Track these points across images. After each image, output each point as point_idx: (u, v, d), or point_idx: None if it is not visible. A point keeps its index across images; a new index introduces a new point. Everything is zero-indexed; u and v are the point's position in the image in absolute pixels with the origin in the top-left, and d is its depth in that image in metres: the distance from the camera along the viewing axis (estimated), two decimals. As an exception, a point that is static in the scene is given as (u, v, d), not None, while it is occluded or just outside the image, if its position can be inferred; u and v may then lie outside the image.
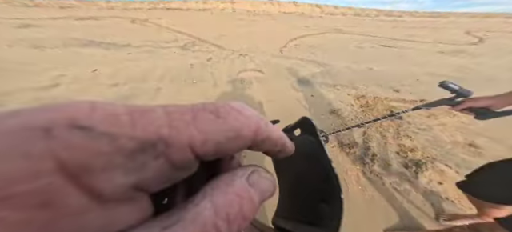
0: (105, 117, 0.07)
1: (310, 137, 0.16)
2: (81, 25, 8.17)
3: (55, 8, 19.88)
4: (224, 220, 0.08)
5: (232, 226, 0.08)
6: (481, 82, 3.31)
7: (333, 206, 0.12)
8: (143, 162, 0.07)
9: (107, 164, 0.06)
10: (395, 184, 1.36)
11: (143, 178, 0.07)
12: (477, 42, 7.51)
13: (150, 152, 0.07)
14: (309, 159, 0.15)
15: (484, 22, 21.09)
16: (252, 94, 2.64)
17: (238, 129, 0.09)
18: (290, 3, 36.06)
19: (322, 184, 0.14)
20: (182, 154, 0.08)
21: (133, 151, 0.07)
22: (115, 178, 0.07)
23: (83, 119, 0.06)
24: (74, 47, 4.60)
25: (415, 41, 7.47)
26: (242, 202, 0.08)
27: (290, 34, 8.01)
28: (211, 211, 0.08)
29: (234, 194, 0.08)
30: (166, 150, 0.07)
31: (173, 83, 2.90)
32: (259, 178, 0.10)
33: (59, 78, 2.90)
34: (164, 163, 0.07)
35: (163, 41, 5.67)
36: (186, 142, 0.08)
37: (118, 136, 0.07)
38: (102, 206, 0.06)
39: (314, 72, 3.55)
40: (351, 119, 2.11)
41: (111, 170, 0.06)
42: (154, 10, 24.34)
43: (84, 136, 0.06)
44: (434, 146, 1.74)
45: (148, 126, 0.07)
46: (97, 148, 0.06)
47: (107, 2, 30.57)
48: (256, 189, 0.09)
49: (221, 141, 0.08)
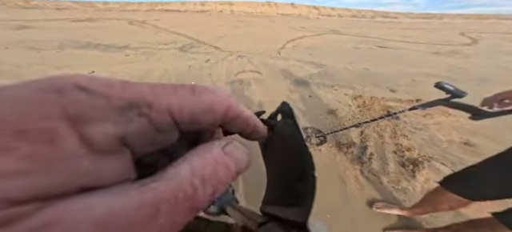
0: (102, 83, 0.08)
1: (288, 120, 0.17)
2: (78, 26, 8.11)
3: (52, 9, 19.72)
4: (199, 179, 0.09)
5: (206, 185, 0.09)
6: (475, 82, 3.37)
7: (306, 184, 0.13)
8: (130, 118, 0.08)
9: (101, 116, 0.08)
10: (393, 183, 1.38)
11: (129, 132, 0.08)
12: (471, 43, 7.65)
13: (135, 111, 0.08)
14: (287, 142, 0.16)
15: (478, 23, 21.50)
16: (250, 94, 2.65)
17: (211, 103, 0.10)
18: (287, 5, 36.34)
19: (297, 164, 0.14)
20: (162, 116, 0.09)
21: (122, 107, 0.08)
22: (106, 128, 0.08)
23: (85, 83, 0.08)
24: (71, 49, 4.56)
25: (411, 42, 7.58)
26: (216, 166, 0.09)
27: (288, 35, 8.06)
28: (188, 171, 0.09)
29: (210, 159, 0.09)
30: (149, 112, 0.09)
31: (171, 85, 2.90)
32: (234, 148, 0.11)
33: (56, 79, 2.88)
34: (147, 123, 0.09)
35: (161, 42, 5.66)
36: (165, 107, 0.09)
37: (111, 95, 0.08)
38: (93, 154, 0.07)
39: (312, 73, 3.58)
40: (349, 119, 2.13)
41: (104, 122, 0.08)
42: (152, 11, 24.30)
43: (86, 94, 0.08)
44: (431, 145, 1.77)
45: (135, 92, 0.09)
46: (94, 103, 0.08)
47: (104, 3, 30.42)
48: (231, 157, 0.10)
49: (195, 110, 0.10)
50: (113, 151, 0.08)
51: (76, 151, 0.07)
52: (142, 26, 9.26)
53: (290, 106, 0.18)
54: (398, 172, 1.47)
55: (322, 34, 9.12)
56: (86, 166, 0.07)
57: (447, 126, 2.02)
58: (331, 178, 1.42)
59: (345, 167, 1.51)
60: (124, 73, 3.25)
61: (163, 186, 0.08)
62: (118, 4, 30.66)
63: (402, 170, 1.49)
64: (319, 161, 1.56)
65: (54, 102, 0.07)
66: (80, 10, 22.00)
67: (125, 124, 0.08)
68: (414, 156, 1.60)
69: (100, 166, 0.08)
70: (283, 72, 3.54)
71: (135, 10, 24.29)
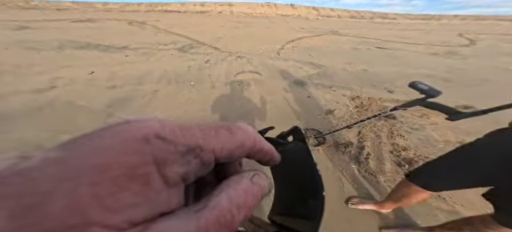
0: (170, 131, 0.11)
1: (300, 143, 0.19)
2: (77, 27, 8.12)
3: (51, 10, 19.72)
4: (235, 207, 0.11)
5: (240, 212, 0.11)
6: (473, 83, 3.40)
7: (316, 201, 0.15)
8: (189, 160, 0.11)
9: (172, 159, 0.10)
10: (389, 182, 1.39)
11: (188, 170, 0.11)
12: (469, 44, 7.70)
13: (192, 153, 0.11)
14: (298, 162, 0.18)
15: (476, 25, 21.60)
16: (249, 95, 2.67)
17: (243, 141, 0.13)
18: (287, 6, 36.42)
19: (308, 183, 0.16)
20: (209, 156, 0.12)
21: (183, 152, 0.11)
22: (176, 169, 0.10)
23: (161, 133, 0.10)
24: (71, 49, 4.57)
25: (409, 43, 7.63)
26: (247, 195, 0.12)
27: (287, 36, 8.09)
28: (227, 201, 0.11)
29: (241, 190, 0.12)
30: (201, 153, 0.11)
31: (170, 85, 2.91)
32: (259, 178, 0.14)
33: (55, 80, 2.89)
34: (199, 162, 0.11)
35: (161, 43, 5.68)
36: (211, 149, 0.12)
37: (177, 142, 0.10)
38: (167, 188, 0.10)
39: (311, 73, 3.61)
40: (346, 119, 2.15)
41: (174, 164, 0.10)
42: (152, 12, 24.30)
43: (163, 143, 0.10)
44: (426, 144, 1.79)
45: (192, 138, 0.11)
46: (168, 149, 0.10)
47: (104, 4, 30.41)
48: (257, 186, 0.13)
49: (232, 148, 0.12)
50: (176, 185, 0.11)
51: (161, 188, 0.10)
52: (142, 26, 9.28)
53: (301, 130, 0.20)
54: (394, 171, 1.49)
55: (321, 34, 9.16)
56: (165, 198, 0.10)
57: (443, 126, 2.05)
58: (328, 177, 1.44)
59: (342, 167, 1.53)
60: (124, 73, 3.26)
61: (211, 213, 0.10)
62: (118, 5, 30.65)
63: (398, 169, 1.51)
64: (317, 161, 1.58)
65: (146, 151, 0.09)
66: (80, 10, 21.99)
67: (186, 165, 0.11)
68: (410, 156, 1.62)
69: (171, 197, 0.10)
70: (282, 72, 3.56)
71: (135, 11, 24.31)
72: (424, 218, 1.16)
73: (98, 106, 2.27)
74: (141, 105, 2.36)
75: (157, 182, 0.09)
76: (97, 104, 2.31)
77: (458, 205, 1.23)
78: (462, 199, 1.26)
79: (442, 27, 17.10)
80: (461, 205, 1.23)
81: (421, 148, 1.73)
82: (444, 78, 3.56)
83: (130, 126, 0.10)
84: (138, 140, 0.09)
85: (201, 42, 5.98)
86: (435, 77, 3.62)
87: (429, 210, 1.20)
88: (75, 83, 2.83)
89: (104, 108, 2.25)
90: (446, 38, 9.21)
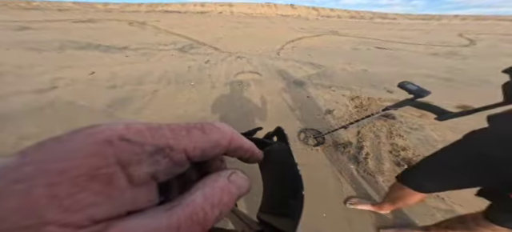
0: (136, 132, 0.11)
1: (283, 144, 0.20)
2: (78, 27, 8.15)
3: (53, 10, 19.78)
4: (209, 205, 0.11)
5: (215, 209, 0.12)
6: (472, 83, 3.40)
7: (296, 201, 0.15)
8: (157, 160, 0.11)
9: (139, 160, 0.10)
10: (388, 182, 1.40)
11: (157, 170, 0.11)
12: (469, 44, 7.69)
13: (161, 153, 0.11)
14: (281, 162, 0.19)
15: (475, 25, 21.56)
16: (249, 95, 2.68)
17: (217, 140, 0.13)
18: (287, 6, 36.43)
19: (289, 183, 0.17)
20: (180, 155, 0.12)
21: (152, 152, 0.11)
22: (143, 169, 0.11)
23: (125, 135, 0.10)
24: (72, 50, 4.60)
25: (409, 43, 7.62)
26: (222, 194, 0.12)
27: (287, 36, 8.10)
28: (201, 199, 0.11)
29: (217, 188, 0.12)
30: (171, 153, 0.11)
31: (170, 85, 2.92)
32: (237, 177, 0.14)
33: (57, 80, 2.91)
34: (169, 161, 0.11)
35: (161, 43, 5.70)
36: (182, 149, 0.12)
37: (144, 143, 0.11)
38: (133, 187, 0.10)
39: (311, 73, 3.61)
40: (346, 119, 2.15)
41: (141, 164, 0.10)
42: (152, 12, 24.35)
43: (127, 144, 0.10)
44: (426, 144, 1.79)
45: (160, 138, 0.11)
46: (133, 150, 0.10)
47: (105, 4, 30.48)
48: (234, 185, 0.13)
49: (205, 148, 0.13)
50: (145, 184, 0.11)
51: (124, 186, 0.10)
52: (142, 26, 9.31)
53: (284, 131, 0.21)
54: (392, 171, 1.49)
55: (321, 34, 9.16)
56: (130, 197, 0.10)
57: (442, 126, 2.05)
58: (328, 177, 1.45)
59: (341, 167, 1.53)
60: (124, 73, 3.27)
61: (183, 210, 0.11)
62: (119, 5, 30.72)
63: (396, 169, 1.52)
64: (316, 161, 1.59)
65: (108, 152, 0.10)
66: (81, 10, 22.05)
67: (154, 164, 0.11)
68: (409, 156, 1.62)
69: (138, 196, 0.11)
70: (282, 73, 3.57)
71: (135, 11, 24.37)
72: (422, 217, 1.16)
73: (99, 106, 2.29)
74: (141, 105, 2.38)
75: (120, 181, 0.10)
76: (97, 104, 2.33)
77: (456, 204, 1.24)
78: (459, 198, 1.26)
79: (442, 27, 17.07)
80: (459, 204, 1.24)
81: (420, 148, 1.73)
82: (444, 78, 3.56)
83: (94, 129, 0.10)
84: (99, 142, 0.10)
85: (201, 43, 5.99)
86: (435, 77, 3.62)
87: (427, 210, 1.21)
88: (76, 83, 2.84)
89: (105, 108, 2.27)
90: (446, 38, 9.20)
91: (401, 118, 2.19)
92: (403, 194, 0.94)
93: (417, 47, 6.72)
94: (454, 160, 0.75)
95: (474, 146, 0.72)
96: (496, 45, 7.70)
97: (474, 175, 0.70)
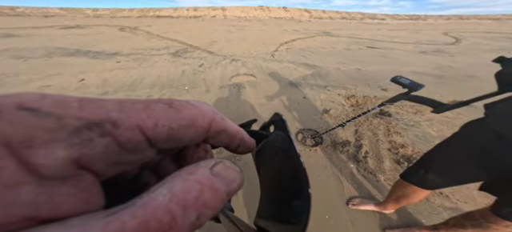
0: (54, 101, 0.07)
1: (281, 133, 0.16)
2: (66, 33, 7.92)
3: (39, 17, 19.18)
4: (179, 205, 0.07)
5: (189, 212, 0.08)
6: (460, 79, 3.51)
7: (301, 201, 0.12)
8: (89, 139, 0.07)
9: (50, 138, 0.07)
10: (389, 181, 1.39)
11: (88, 154, 0.07)
12: (454, 42, 8.00)
13: (96, 130, 0.08)
14: (281, 155, 0.15)
15: (459, 24, 22.58)
16: (245, 98, 2.65)
17: (192, 118, 0.10)
18: (280, 8, 36.94)
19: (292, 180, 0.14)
20: (130, 134, 0.08)
21: (78, 128, 0.07)
22: (56, 151, 0.07)
23: (31, 102, 0.07)
24: (59, 57, 4.44)
25: (399, 42, 7.85)
26: (202, 189, 0.08)
27: (281, 38, 8.17)
28: (166, 197, 0.07)
29: (193, 182, 0.08)
30: (114, 130, 0.08)
31: (163, 91, 2.85)
32: (224, 168, 0.10)
33: (44, 88, 2.78)
34: (111, 142, 0.08)
35: (154, 48, 5.60)
36: (134, 124, 0.08)
37: (64, 116, 0.07)
38: (39, 180, 0.07)
39: (306, 74, 3.63)
40: (342, 118, 2.15)
41: (53, 144, 0.07)
42: (144, 17, 24.07)
43: (30, 115, 0.07)
44: (423, 141, 1.81)
45: (96, 110, 0.08)
46: (41, 125, 0.07)
47: (94, 10, 29.89)
48: (220, 178, 0.09)
49: (173, 127, 0.09)
50: (68, 176, 0.07)
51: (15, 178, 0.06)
52: (134, 32, 9.15)
53: (282, 117, 0.17)
54: (393, 169, 1.49)
55: (314, 36, 9.30)
56: (28, 195, 0.06)
57: (438, 121, 2.09)
58: (328, 177, 1.43)
59: (341, 166, 1.52)
60: (115, 79, 3.17)
61: (131, 215, 0.07)
62: (109, 10, 30.20)
63: (397, 167, 1.51)
64: (316, 161, 1.57)
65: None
66: (68, 16, 21.49)
67: (81, 145, 0.07)
68: (409, 153, 1.63)
69: (52, 194, 0.07)
70: (277, 74, 3.57)
71: (126, 17, 24.01)
72: (428, 216, 1.15)
73: (89, 114, 2.19)
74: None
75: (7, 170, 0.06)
76: (87, 112, 2.23)
77: (462, 202, 1.23)
78: (464, 196, 1.26)
79: (429, 27, 17.74)
80: (464, 202, 1.23)
81: (418, 144, 1.74)
82: (434, 75, 3.67)
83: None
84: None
85: (195, 47, 5.94)
86: (426, 74, 3.72)
87: (432, 208, 1.19)
88: (65, 91, 2.72)
89: (95, 116, 2.17)
90: (433, 37, 9.55)
91: (397, 115, 2.21)
92: (407, 192, 0.92)
93: (406, 46, 6.92)
94: (454, 153, 0.74)
95: (471, 137, 0.70)
96: (479, 42, 8.05)
97: (474, 168, 0.68)
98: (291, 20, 25.61)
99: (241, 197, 1.26)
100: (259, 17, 30.17)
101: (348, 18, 33.06)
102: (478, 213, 0.78)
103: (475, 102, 0.79)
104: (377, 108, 1.26)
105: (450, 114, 2.14)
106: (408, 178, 0.89)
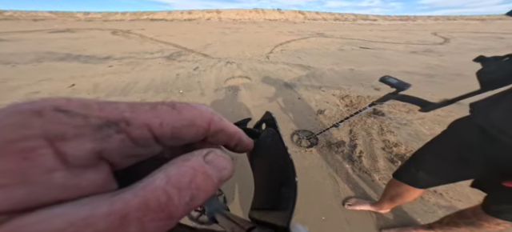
0: (79, 104, 0.09)
1: (271, 129, 0.18)
2: (56, 38, 7.72)
3: (27, 20, 18.67)
4: (175, 187, 0.09)
5: (183, 193, 0.09)
6: (450, 77, 3.61)
7: (289, 189, 0.14)
8: (108, 135, 0.09)
9: (78, 133, 0.08)
10: (384, 180, 1.41)
11: (107, 147, 0.09)
12: (443, 42, 8.25)
13: (114, 127, 0.09)
14: (271, 150, 0.17)
15: (447, 24, 23.34)
16: (240, 100, 2.64)
17: (192, 119, 0.11)
18: (274, 10, 37.25)
19: (282, 171, 0.15)
20: (141, 131, 0.10)
21: (100, 126, 0.09)
22: (84, 144, 0.08)
23: (63, 106, 0.09)
24: (49, 61, 4.32)
25: (390, 42, 8.03)
26: (195, 174, 0.09)
27: (276, 40, 8.22)
28: (163, 180, 0.09)
29: (187, 167, 0.10)
30: (127, 128, 0.09)
31: (158, 95, 2.81)
32: (215, 156, 0.11)
33: (33, 95, 2.69)
34: (125, 138, 0.09)
35: (147, 52, 5.53)
36: (143, 123, 0.10)
37: (89, 115, 0.09)
38: (68, 168, 0.08)
39: (300, 75, 3.65)
40: (337, 118, 2.17)
41: (80, 139, 0.08)
42: (137, 21, 23.77)
43: (64, 115, 0.08)
44: (416, 139, 1.84)
45: (113, 110, 0.09)
46: (72, 122, 0.08)
47: (85, 13, 29.34)
48: (212, 165, 0.10)
49: (176, 126, 0.11)
50: (90, 165, 0.09)
51: (50, 166, 0.08)
52: (127, 35, 9.02)
53: (272, 115, 0.19)
54: (387, 168, 1.51)
55: (308, 37, 9.41)
56: (59, 179, 0.08)
57: (429, 120, 2.13)
58: (324, 178, 1.43)
59: (336, 167, 1.53)
60: (108, 84, 3.11)
61: (134, 194, 0.08)
62: (101, 14, 29.72)
63: (391, 166, 1.53)
64: (311, 162, 1.57)
65: (34, 124, 0.08)
66: (58, 20, 21.00)
67: (102, 140, 0.09)
68: (402, 151, 1.66)
69: (78, 179, 0.08)
70: (272, 76, 3.58)
71: (119, 20, 23.67)
72: (423, 214, 1.16)
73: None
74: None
75: (46, 159, 0.07)
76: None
77: (455, 200, 1.25)
78: (458, 194, 1.28)
79: (418, 27, 18.26)
80: (458, 200, 1.25)
81: (411, 143, 1.78)
82: (424, 74, 3.76)
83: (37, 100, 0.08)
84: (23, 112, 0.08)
85: (189, 50, 5.90)
86: (416, 73, 3.81)
87: (427, 207, 1.21)
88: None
89: (86, 122, 2.12)
90: (423, 37, 9.82)
91: (390, 114, 2.25)
92: (400, 191, 0.93)
93: (397, 46, 7.09)
94: (442, 151, 0.75)
95: (458, 135, 0.71)
96: (467, 42, 8.33)
97: (462, 165, 0.69)
98: (286, 22, 25.87)
99: (237, 200, 1.24)
100: (254, 19, 30.34)
101: (341, 19, 33.65)
102: (470, 211, 0.79)
103: (462, 100, 0.81)
104: (368, 108, 1.28)
105: (442, 111, 2.20)
106: (400, 177, 0.90)
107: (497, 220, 0.68)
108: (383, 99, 1.10)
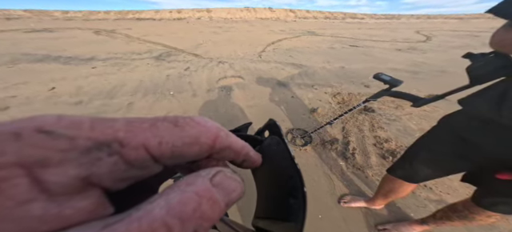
0: (68, 123, 0.08)
1: (276, 137, 0.17)
2: (32, 37, 7.20)
3: (0, 19, 17.26)
4: (176, 218, 0.08)
5: (186, 225, 0.08)
6: (434, 74, 3.79)
7: (297, 200, 0.13)
8: (98, 158, 0.08)
9: (62, 158, 0.08)
10: (377, 176, 1.44)
11: (96, 172, 0.08)
12: (426, 40, 8.65)
13: (105, 149, 0.08)
14: (276, 158, 0.16)
15: (428, 23, 24.56)
16: (233, 100, 2.60)
17: (195, 136, 0.10)
18: (265, 9, 37.24)
19: (288, 180, 0.15)
20: (136, 152, 0.09)
21: (88, 148, 0.08)
22: (67, 170, 0.08)
23: (48, 126, 0.08)
24: (26, 63, 4.01)
25: (377, 40, 8.30)
26: (200, 201, 0.08)
27: (268, 38, 8.22)
28: (163, 209, 0.08)
29: (192, 193, 0.08)
30: (121, 149, 0.09)
31: (147, 96, 2.70)
32: (224, 178, 0.10)
33: (8, 99, 2.48)
34: (119, 160, 0.09)
35: (134, 52, 5.31)
36: (139, 143, 0.09)
37: (76, 137, 0.08)
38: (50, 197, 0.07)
39: (293, 74, 3.67)
40: (330, 116, 2.20)
41: (65, 164, 0.08)
42: (122, 20, 22.77)
43: (46, 137, 0.07)
44: (405, 134, 1.91)
45: (106, 130, 0.09)
46: (55, 146, 0.08)
47: (64, 12, 27.63)
48: (220, 189, 0.09)
49: (177, 144, 0.10)
50: (77, 191, 0.08)
51: (26, 197, 0.07)
52: (111, 35, 8.60)
53: (276, 122, 0.18)
54: (380, 164, 1.55)
55: (299, 35, 9.50)
56: (37, 211, 0.07)
57: (417, 115, 2.22)
58: (319, 176, 1.44)
59: (330, 165, 1.54)
60: (91, 86, 2.94)
61: (126, 226, 0.07)
62: (81, 13, 28.15)
63: (383, 162, 1.57)
64: (306, 161, 1.58)
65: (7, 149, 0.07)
66: (34, 19, 19.63)
67: (90, 164, 0.08)
68: (392, 147, 1.71)
69: (61, 208, 0.07)
70: (265, 75, 3.57)
71: (102, 20, 22.53)
72: (416, 209, 1.20)
73: (62, 127, 1.99)
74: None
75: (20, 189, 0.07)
76: (59, 124, 2.03)
77: (445, 193, 1.30)
78: (447, 187, 1.33)
79: (402, 25, 19.04)
80: (447, 193, 1.30)
81: (400, 138, 1.83)
82: (410, 71, 3.92)
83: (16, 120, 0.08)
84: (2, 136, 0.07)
85: (179, 50, 5.73)
86: (403, 70, 3.96)
87: (419, 202, 1.25)
88: (33, 102, 2.46)
89: (69, 128, 1.98)
90: (407, 35, 10.25)
91: (380, 110, 2.31)
92: (394, 187, 0.95)
93: (384, 44, 7.34)
94: (435, 146, 0.76)
95: (449, 128, 0.73)
96: (447, 40, 8.80)
97: (455, 158, 0.71)
98: (277, 20, 25.94)
99: (234, 206, 1.21)
100: (245, 18, 30.14)
101: (331, 18, 34.30)
102: (461, 204, 0.82)
103: (449, 96, 0.84)
104: (362, 104, 1.30)
105: (428, 107, 2.29)
106: (394, 173, 0.92)
107: (488, 212, 0.70)
108: (377, 96, 1.11)
